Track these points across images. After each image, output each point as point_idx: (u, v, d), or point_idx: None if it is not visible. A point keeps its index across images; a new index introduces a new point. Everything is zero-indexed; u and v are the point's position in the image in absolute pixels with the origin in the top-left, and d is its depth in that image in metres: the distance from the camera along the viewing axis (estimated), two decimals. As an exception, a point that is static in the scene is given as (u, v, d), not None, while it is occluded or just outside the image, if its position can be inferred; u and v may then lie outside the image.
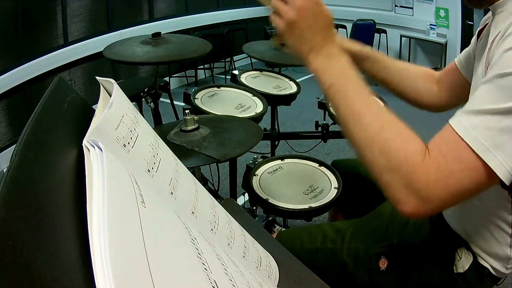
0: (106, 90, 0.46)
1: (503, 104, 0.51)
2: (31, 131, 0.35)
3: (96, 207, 0.29)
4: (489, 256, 0.75)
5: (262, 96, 1.46)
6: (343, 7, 5.14)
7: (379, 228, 0.88)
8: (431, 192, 0.53)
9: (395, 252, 0.82)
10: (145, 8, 4.12)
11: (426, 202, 0.54)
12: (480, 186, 0.53)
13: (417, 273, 0.81)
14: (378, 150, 0.57)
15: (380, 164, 0.57)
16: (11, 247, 0.24)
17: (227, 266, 0.40)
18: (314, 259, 0.88)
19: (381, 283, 0.83)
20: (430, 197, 0.54)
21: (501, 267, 0.75)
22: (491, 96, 0.52)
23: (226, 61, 4.85)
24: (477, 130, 0.52)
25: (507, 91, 0.51)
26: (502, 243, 0.73)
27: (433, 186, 0.53)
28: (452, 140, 0.53)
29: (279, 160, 1.33)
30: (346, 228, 0.91)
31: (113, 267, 0.25)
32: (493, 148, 0.51)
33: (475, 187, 0.53)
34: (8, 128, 2.85)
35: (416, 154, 0.55)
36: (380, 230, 0.87)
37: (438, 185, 0.53)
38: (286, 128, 3.32)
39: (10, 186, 0.28)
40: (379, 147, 0.57)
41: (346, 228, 0.90)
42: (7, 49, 2.79)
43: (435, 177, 0.53)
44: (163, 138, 0.98)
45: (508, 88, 0.51)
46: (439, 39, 4.39)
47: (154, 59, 1.35)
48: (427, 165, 0.54)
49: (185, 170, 0.51)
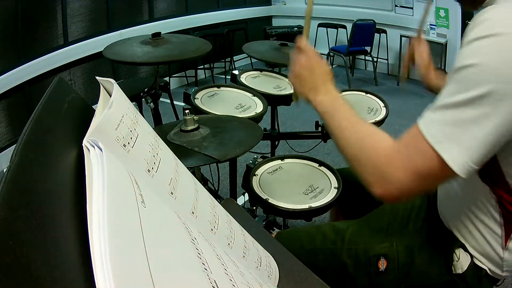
0: (106, 90, 0.46)
1: (457, 97, 0.55)
2: (31, 131, 0.35)
3: (96, 207, 0.29)
4: (484, 258, 0.75)
5: (262, 96, 1.46)
6: (343, 7, 5.14)
7: (379, 229, 0.88)
8: (394, 175, 0.61)
9: (394, 253, 0.82)
10: (145, 8, 4.12)
11: (391, 184, 0.62)
12: (437, 175, 0.59)
13: (417, 274, 0.81)
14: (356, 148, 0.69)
15: (357, 157, 0.68)
16: (11, 247, 0.24)
17: (227, 266, 0.40)
18: (314, 260, 0.88)
19: (381, 284, 0.83)
20: (393, 179, 0.61)
21: (496, 269, 0.75)
22: (448, 91, 0.57)
23: (226, 61, 4.85)
24: (434, 123, 0.58)
25: (460, 84, 0.55)
26: (494, 245, 0.73)
27: (396, 170, 0.61)
28: (414, 133, 0.60)
29: (279, 160, 1.33)
30: (345, 228, 0.91)
31: (113, 267, 0.25)
32: (446, 140, 0.56)
33: (433, 175, 0.59)
34: (8, 128, 2.85)
35: (385, 148, 0.64)
36: (379, 231, 0.87)
37: (400, 169, 0.61)
38: (286, 128, 3.32)
39: (10, 186, 0.28)
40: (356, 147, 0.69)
41: (346, 229, 0.91)
42: (7, 49, 2.79)
43: (398, 162, 0.61)
44: (163, 138, 0.98)
45: (461, 81, 0.55)
46: (439, 39, 4.39)
47: (154, 59, 1.35)
48: (392, 153, 0.63)
49: (185, 170, 0.51)
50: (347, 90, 1.73)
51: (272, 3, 5.88)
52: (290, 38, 5.61)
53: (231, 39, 4.76)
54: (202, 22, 4.72)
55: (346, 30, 4.92)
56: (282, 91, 1.63)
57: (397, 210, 0.91)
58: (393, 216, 0.90)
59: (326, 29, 5.17)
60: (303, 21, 0.92)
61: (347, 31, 4.87)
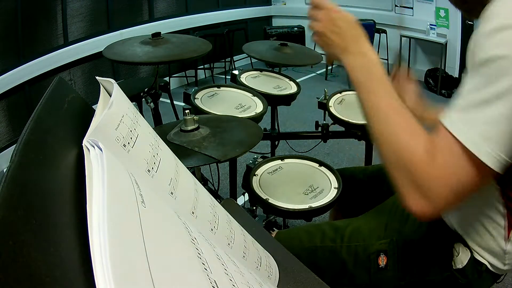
0: (106, 90, 0.46)
1: (487, 90, 0.52)
2: (31, 131, 0.35)
3: (96, 207, 0.29)
4: (485, 252, 0.75)
5: (262, 96, 1.46)
6: (343, 7, 5.11)
7: (378, 226, 0.88)
8: (432, 188, 0.56)
9: (394, 249, 0.82)
10: (145, 8, 4.12)
11: (429, 198, 0.56)
12: (476, 178, 0.54)
13: (417, 269, 0.81)
14: (390, 148, 0.62)
15: (391, 161, 0.62)
16: (11, 247, 0.24)
17: (227, 266, 0.40)
18: (313, 258, 0.88)
19: (381, 280, 0.83)
20: (432, 193, 0.56)
21: (498, 263, 0.75)
22: (473, 85, 0.54)
23: (226, 61, 4.85)
24: (462, 122, 0.54)
25: (488, 77, 0.52)
26: (497, 237, 0.72)
27: (434, 182, 0.55)
28: (444, 135, 0.55)
29: (279, 160, 1.33)
30: (345, 226, 0.91)
31: (113, 267, 0.25)
32: (479, 139, 0.52)
33: (473, 180, 0.55)
34: (8, 128, 2.85)
35: (421, 154, 0.57)
36: (379, 228, 0.87)
37: (439, 180, 0.55)
38: (286, 128, 3.32)
39: (10, 186, 0.28)
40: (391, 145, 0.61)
41: (345, 227, 0.90)
42: (7, 49, 2.78)
43: (435, 173, 0.56)
44: (163, 138, 0.98)
45: (490, 74, 0.52)
46: (439, 39, 4.38)
47: (154, 59, 1.35)
48: (428, 162, 0.56)
49: (185, 170, 0.51)
50: (347, 90, 1.73)
51: (272, 3, 5.88)
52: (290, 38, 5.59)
53: (231, 39, 4.76)
54: (202, 22, 4.72)
55: (346, 30, 4.91)
56: (282, 91, 1.63)
57: (397, 207, 0.91)
58: (392, 212, 0.90)
59: (326, 29, 5.17)
60: (303, 21, 0.91)
61: (347, 31, 4.86)
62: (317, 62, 1.69)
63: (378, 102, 0.64)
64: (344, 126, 1.57)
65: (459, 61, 4.41)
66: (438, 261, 0.80)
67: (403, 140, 0.60)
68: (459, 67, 4.44)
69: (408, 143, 0.59)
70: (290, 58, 1.67)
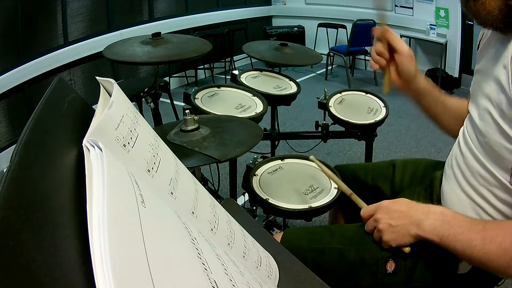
0: (106, 90, 0.46)
1: None
2: (31, 131, 0.35)
3: (96, 207, 0.29)
4: None
5: (262, 96, 1.46)
6: (343, 7, 5.14)
7: None
8: None
9: (402, 255, 0.82)
10: (145, 8, 4.12)
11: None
12: None
13: (421, 274, 0.81)
14: (503, 262, 0.65)
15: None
16: (11, 247, 0.24)
17: (227, 266, 0.40)
18: (320, 258, 0.88)
19: (386, 285, 0.83)
20: None
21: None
22: None
23: (226, 61, 4.85)
24: None
25: None
26: None
27: None
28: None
29: (279, 160, 1.33)
30: (354, 229, 0.90)
31: (113, 267, 0.25)
32: None
33: None
34: (8, 128, 2.85)
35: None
36: None
37: None
38: (286, 128, 3.32)
39: (10, 186, 0.28)
40: (502, 261, 0.65)
41: (355, 230, 0.90)
42: (7, 49, 2.79)
43: None
44: (163, 138, 0.98)
45: None
46: (439, 39, 4.38)
47: (154, 59, 1.35)
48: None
49: (185, 170, 0.51)
50: (347, 90, 1.73)
51: (272, 3, 5.88)
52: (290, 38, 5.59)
53: (231, 39, 4.76)
54: (202, 22, 4.72)
55: (346, 30, 4.92)
56: (282, 91, 1.63)
57: None
58: None
59: (326, 29, 5.17)
60: (303, 21, 0.90)
61: (347, 31, 4.87)
62: (317, 62, 1.69)
63: (469, 241, 0.67)
64: (344, 126, 1.57)
65: (459, 61, 4.42)
66: (443, 266, 0.80)
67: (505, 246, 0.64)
68: (459, 67, 4.44)
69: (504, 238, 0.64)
70: (290, 58, 1.67)
